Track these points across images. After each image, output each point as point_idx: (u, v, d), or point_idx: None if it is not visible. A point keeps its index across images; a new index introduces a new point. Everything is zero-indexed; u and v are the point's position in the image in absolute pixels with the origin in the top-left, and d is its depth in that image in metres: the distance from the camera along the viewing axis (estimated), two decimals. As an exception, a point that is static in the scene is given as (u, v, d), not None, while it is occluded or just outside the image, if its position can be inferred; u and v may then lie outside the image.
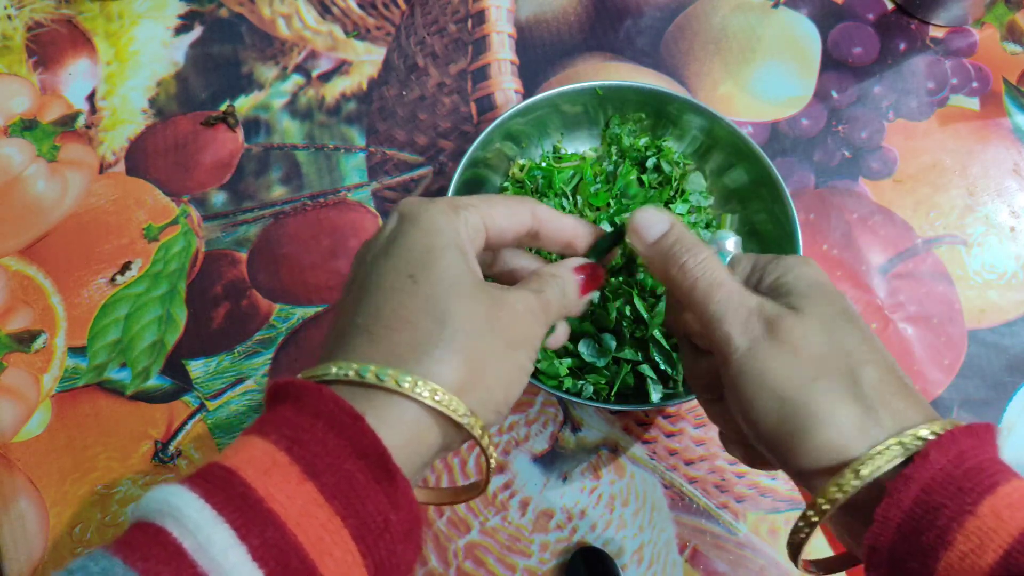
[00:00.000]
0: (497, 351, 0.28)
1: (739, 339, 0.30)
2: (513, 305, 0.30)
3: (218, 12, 0.67)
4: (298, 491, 0.23)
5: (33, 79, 0.65)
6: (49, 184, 0.61)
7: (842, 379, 0.29)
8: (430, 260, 0.28)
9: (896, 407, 0.28)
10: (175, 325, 0.57)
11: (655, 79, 0.65)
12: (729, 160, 0.53)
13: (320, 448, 0.24)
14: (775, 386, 0.29)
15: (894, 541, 0.26)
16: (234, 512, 0.22)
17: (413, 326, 0.27)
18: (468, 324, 0.28)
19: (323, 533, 0.23)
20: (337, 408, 0.24)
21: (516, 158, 0.56)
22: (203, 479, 0.23)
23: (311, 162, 0.62)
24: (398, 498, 0.25)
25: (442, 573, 0.52)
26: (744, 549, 0.53)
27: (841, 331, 0.30)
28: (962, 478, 0.26)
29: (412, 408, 0.26)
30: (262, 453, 0.24)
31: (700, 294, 0.32)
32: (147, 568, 0.21)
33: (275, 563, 0.22)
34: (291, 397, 0.25)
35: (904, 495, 0.26)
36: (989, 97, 0.65)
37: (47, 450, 0.54)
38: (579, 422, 0.55)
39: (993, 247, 0.60)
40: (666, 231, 0.34)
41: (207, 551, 0.21)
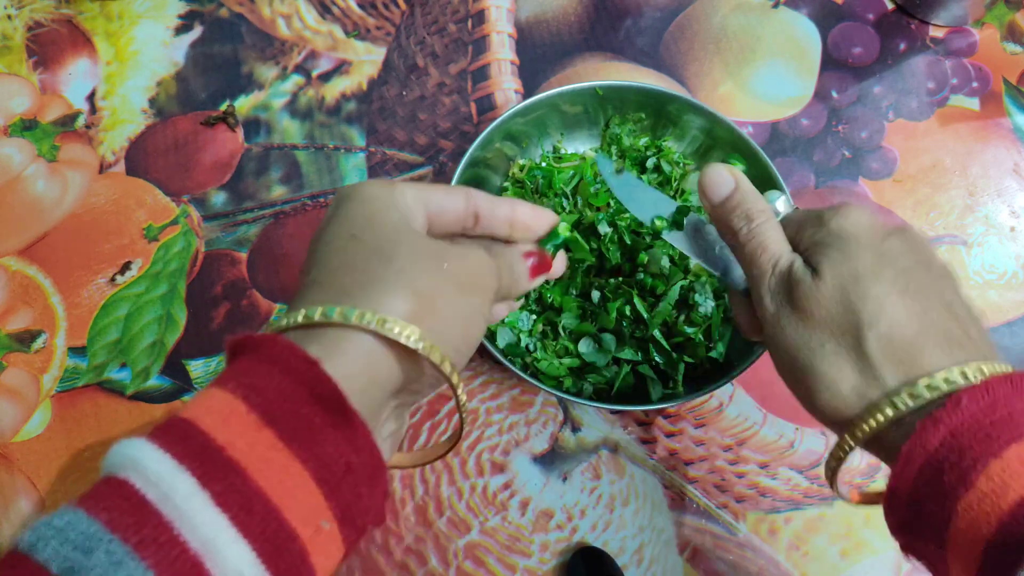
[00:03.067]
0: (447, 289, 0.28)
1: (769, 303, 0.32)
2: (463, 253, 0.30)
3: (218, 12, 0.67)
4: (257, 438, 0.23)
5: (33, 79, 0.65)
6: (49, 184, 0.61)
7: (846, 342, 0.30)
8: (370, 219, 0.29)
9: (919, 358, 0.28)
10: (175, 325, 0.57)
11: (655, 79, 0.65)
12: (729, 160, 0.53)
13: (276, 395, 0.24)
14: (790, 350, 0.31)
15: (915, 482, 0.27)
16: (194, 461, 0.22)
17: (359, 269, 0.27)
18: (415, 262, 0.28)
19: (284, 476, 0.23)
20: (291, 354, 0.24)
21: (516, 158, 0.56)
22: (163, 432, 0.23)
23: (311, 162, 0.62)
24: (357, 440, 0.25)
25: (442, 573, 0.52)
26: (744, 549, 0.53)
27: (854, 291, 0.30)
28: (991, 425, 0.26)
29: (364, 340, 0.26)
30: (220, 403, 0.24)
31: (748, 257, 0.34)
32: (111, 518, 0.21)
33: (238, 508, 0.22)
34: (248, 348, 0.25)
35: (931, 436, 0.26)
36: (989, 97, 0.65)
37: (47, 450, 0.54)
38: (579, 422, 0.55)
39: (993, 247, 0.60)
40: (730, 193, 0.35)
41: (170, 499, 0.21)
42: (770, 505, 0.54)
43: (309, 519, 0.23)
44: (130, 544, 0.21)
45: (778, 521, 0.53)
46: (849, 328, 0.30)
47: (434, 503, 0.53)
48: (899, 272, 0.31)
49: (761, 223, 0.34)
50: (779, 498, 0.54)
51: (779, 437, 0.55)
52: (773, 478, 0.54)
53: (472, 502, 0.53)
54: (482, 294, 0.30)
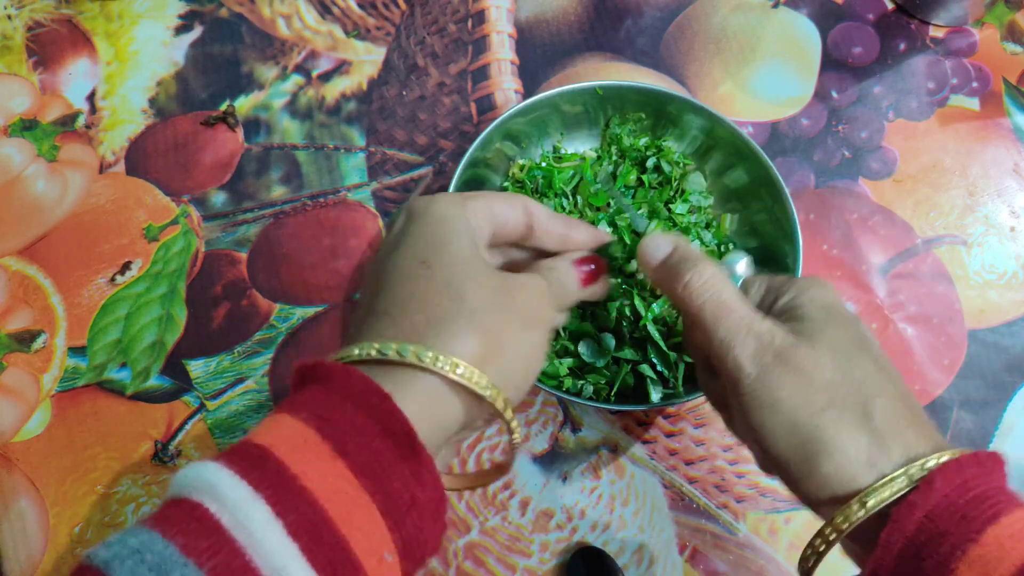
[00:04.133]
0: (514, 328, 0.29)
1: (749, 366, 0.30)
2: (525, 285, 0.30)
3: (218, 12, 0.67)
4: (329, 469, 0.24)
5: (33, 79, 0.65)
6: (49, 184, 0.61)
7: (854, 409, 0.29)
8: (441, 246, 0.29)
9: (906, 438, 0.28)
10: (175, 325, 0.57)
11: (655, 79, 0.65)
12: (729, 160, 0.53)
13: (349, 427, 0.24)
14: (787, 413, 0.29)
15: (896, 566, 0.26)
16: (269, 489, 0.23)
17: (430, 305, 0.28)
18: (484, 302, 0.28)
19: (353, 508, 0.23)
20: (365, 387, 0.25)
21: (516, 158, 0.56)
22: (238, 457, 0.24)
23: (311, 162, 0.62)
24: (423, 475, 0.25)
25: (442, 573, 0.52)
26: (744, 549, 0.53)
27: (853, 360, 0.30)
28: (966, 506, 0.26)
29: (433, 382, 0.26)
30: (294, 432, 0.24)
31: (709, 317, 0.32)
32: (187, 542, 0.21)
33: (308, 538, 0.22)
34: (319, 378, 0.26)
35: (907, 521, 0.26)
36: (989, 97, 0.65)
37: (47, 450, 0.54)
38: (579, 422, 0.55)
39: (993, 247, 0.60)
40: (669, 252, 0.34)
41: (245, 527, 0.22)
42: (770, 505, 0.54)
43: (373, 551, 0.24)
44: (204, 569, 0.21)
45: (778, 521, 0.53)
46: (855, 396, 0.29)
47: (434, 503, 0.53)
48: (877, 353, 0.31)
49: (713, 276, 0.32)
50: (779, 498, 0.54)
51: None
52: (773, 478, 0.54)
53: (472, 502, 0.53)
54: (543, 327, 0.31)
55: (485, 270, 0.29)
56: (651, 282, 0.35)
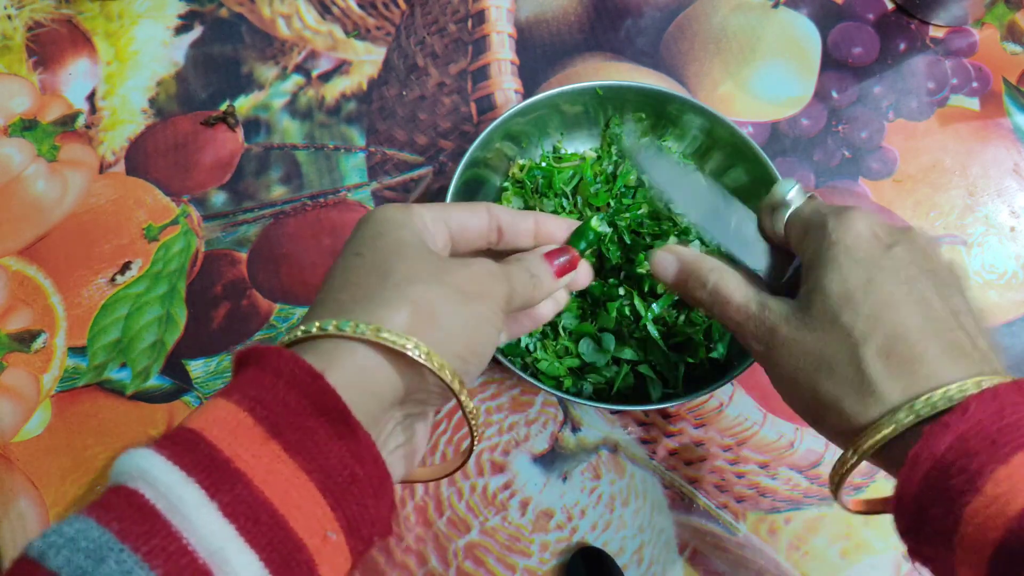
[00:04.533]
0: (449, 297, 0.28)
1: (755, 345, 0.34)
2: (466, 263, 0.30)
3: (218, 12, 0.67)
4: (263, 450, 0.24)
5: (33, 79, 0.65)
6: (49, 184, 0.61)
7: (840, 361, 0.30)
8: (377, 239, 0.30)
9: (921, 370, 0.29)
10: (175, 325, 0.57)
11: (655, 79, 0.65)
12: (729, 160, 0.53)
13: (282, 407, 0.24)
14: (788, 379, 0.32)
15: (922, 486, 0.27)
16: (202, 472, 0.23)
17: (357, 285, 0.28)
18: (412, 275, 0.28)
19: (289, 487, 0.23)
20: (296, 367, 0.25)
21: (516, 158, 0.56)
22: (171, 442, 0.24)
23: (311, 162, 0.62)
24: (361, 452, 0.25)
25: (442, 573, 0.52)
26: (744, 549, 0.53)
27: (843, 310, 0.31)
28: (998, 432, 0.26)
29: (360, 350, 0.26)
30: (227, 414, 0.24)
31: (717, 315, 0.36)
32: (122, 528, 0.21)
33: (245, 518, 0.22)
34: (253, 360, 0.26)
35: (938, 440, 0.27)
36: (989, 97, 0.65)
37: (47, 450, 0.54)
38: (579, 422, 0.55)
39: (993, 247, 0.60)
40: (677, 269, 0.37)
41: (179, 510, 0.22)
42: (770, 505, 0.54)
43: (315, 529, 0.24)
44: (140, 553, 0.21)
45: (778, 521, 0.53)
46: (843, 348, 0.30)
47: (434, 503, 0.53)
48: (902, 282, 0.31)
49: (715, 281, 0.35)
50: (779, 498, 0.54)
51: (779, 437, 0.55)
52: (773, 478, 0.54)
53: (472, 502, 0.53)
54: (487, 301, 0.30)
55: (419, 251, 0.30)
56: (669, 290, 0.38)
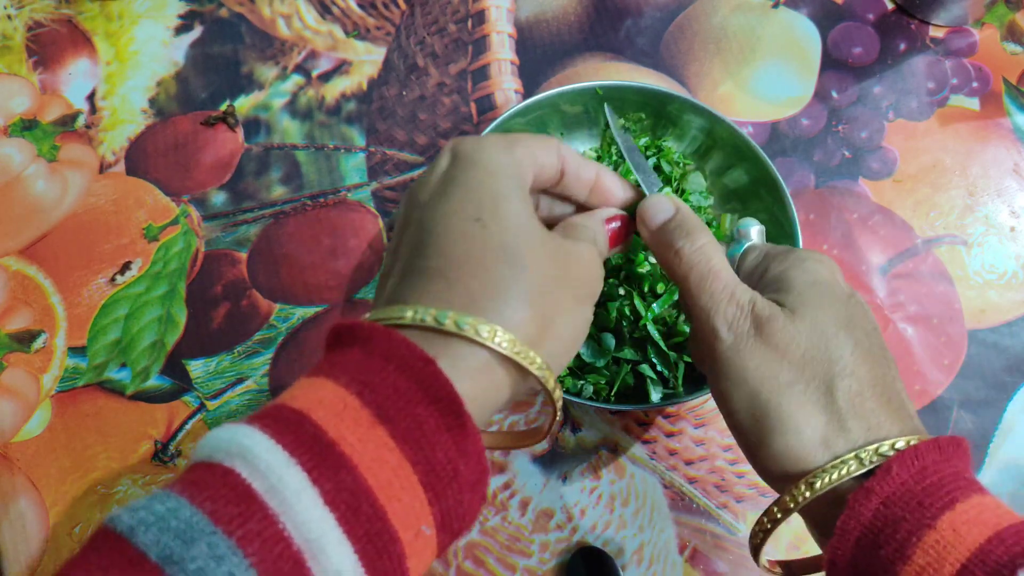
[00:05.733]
0: (567, 304, 0.28)
1: (726, 333, 0.30)
2: (581, 256, 0.29)
3: (218, 12, 0.67)
4: (369, 435, 0.22)
5: (33, 79, 0.65)
6: (49, 184, 0.61)
7: (818, 387, 0.29)
8: (496, 204, 0.27)
9: (873, 421, 0.28)
10: (175, 325, 0.57)
11: (655, 79, 0.65)
12: (729, 160, 0.53)
13: (391, 392, 0.23)
14: (752, 383, 0.29)
15: (854, 554, 0.26)
16: (306, 454, 0.21)
17: (487, 271, 0.26)
18: (542, 274, 0.27)
19: (393, 478, 0.22)
20: (409, 352, 0.24)
21: (516, 158, 0.56)
22: (272, 420, 0.22)
23: (311, 162, 0.62)
24: (467, 447, 0.24)
25: (442, 573, 0.52)
26: (744, 549, 0.53)
27: (832, 338, 0.30)
28: (922, 493, 0.26)
29: (485, 356, 0.25)
30: (333, 395, 0.23)
31: (694, 283, 0.32)
32: (216, 509, 0.20)
33: (346, 507, 0.21)
34: (359, 340, 0.24)
35: (864, 507, 0.26)
36: (989, 97, 0.65)
37: (47, 450, 0.54)
38: (579, 422, 0.55)
39: (993, 247, 0.60)
40: (670, 217, 0.34)
41: (279, 493, 0.21)
42: (770, 505, 0.54)
43: (411, 523, 0.23)
44: (234, 538, 0.20)
45: (778, 521, 0.53)
46: (822, 374, 0.29)
47: (434, 503, 0.53)
48: (863, 333, 0.30)
49: (705, 244, 0.32)
50: (779, 498, 0.54)
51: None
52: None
53: (472, 502, 0.53)
54: (593, 300, 0.30)
55: (541, 234, 0.28)
56: (646, 243, 0.35)
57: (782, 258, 0.33)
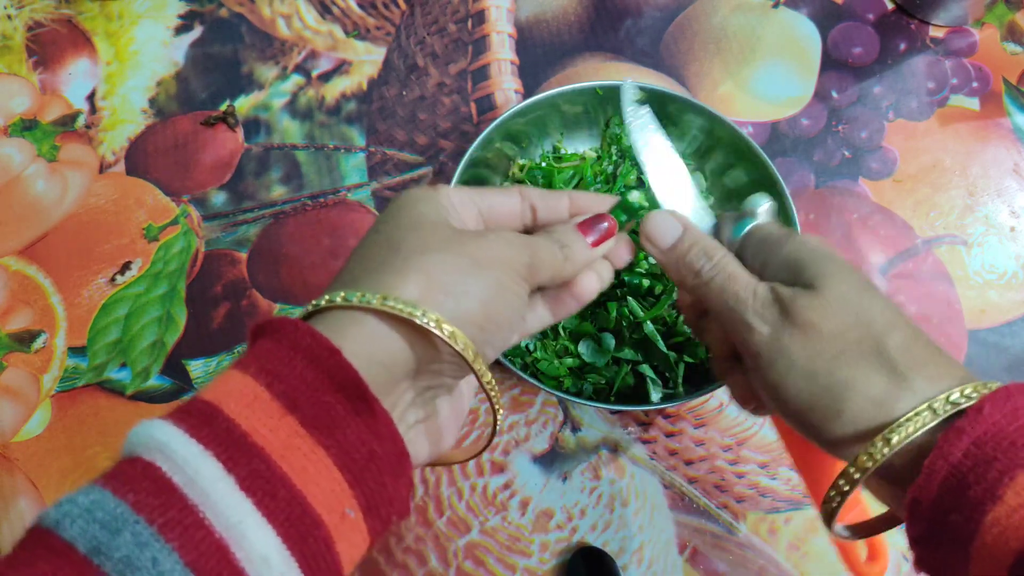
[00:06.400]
0: (460, 265, 0.28)
1: (761, 326, 0.31)
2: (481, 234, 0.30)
3: (218, 12, 0.67)
4: (280, 424, 0.23)
5: (33, 79, 0.65)
6: (49, 184, 0.61)
7: (867, 349, 0.29)
8: (395, 215, 0.30)
9: (929, 370, 0.28)
10: (175, 325, 0.57)
11: (655, 79, 0.65)
12: (729, 160, 0.53)
13: (299, 382, 0.24)
14: (803, 365, 0.29)
15: (939, 494, 0.26)
16: (220, 446, 0.22)
17: (369, 259, 0.28)
18: (423, 246, 0.28)
19: (307, 463, 0.23)
20: (314, 342, 0.25)
21: (516, 158, 0.56)
22: (187, 414, 0.23)
23: (311, 162, 0.62)
24: (379, 429, 0.25)
25: (442, 573, 0.52)
26: (744, 549, 0.53)
27: (860, 301, 0.30)
28: (1015, 433, 0.25)
29: (368, 321, 0.26)
30: (243, 387, 0.24)
31: (716, 291, 0.32)
32: (137, 500, 0.21)
33: (263, 493, 0.22)
34: (269, 332, 0.26)
35: (954, 447, 0.26)
36: (989, 97, 0.65)
37: (47, 450, 0.54)
38: (579, 422, 0.55)
39: (993, 247, 0.60)
40: (680, 236, 0.34)
41: (196, 483, 0.22)
42: (770, 505, 0.54)
43: (333, 506, 0.23)
44: (155, 526, 0.21)
45: (778, 521, 0.53)
46: (866, 336, 0.29)
47: (434, 503, 0.53)
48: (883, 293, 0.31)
49: (723, 256, 0.33)
50: (779, 498, 0.54)
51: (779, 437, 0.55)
52: (773, 478, 0.54)
53: (472, 502, 0.53)
54: (504, 269, 0.29)
55: (435, 225, 0.29)
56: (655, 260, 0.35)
57: (783, 243, 0.33)
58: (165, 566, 0.20)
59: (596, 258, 0.34)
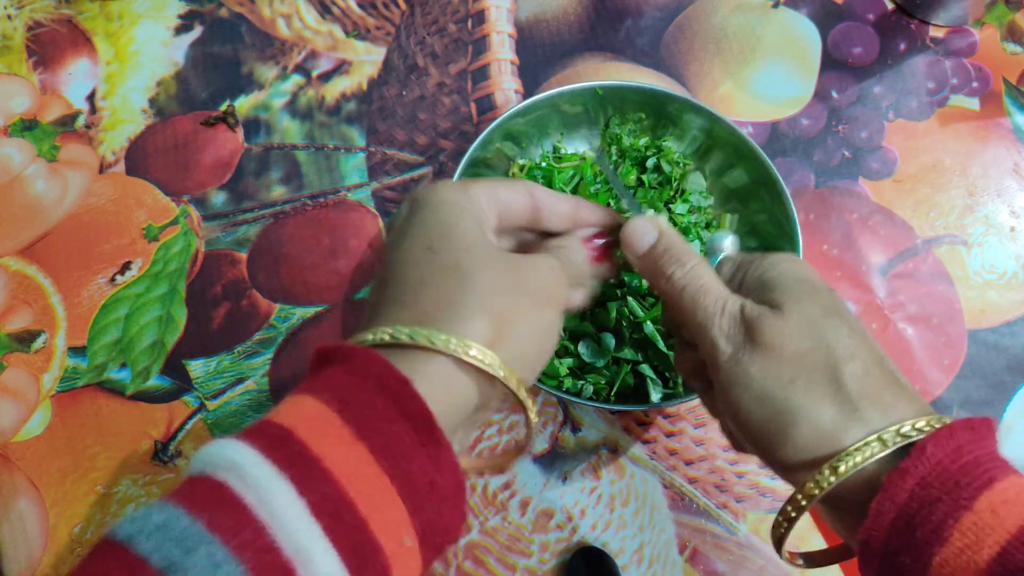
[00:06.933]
0: (523, 308, 0.29)
1: (724, 345, 0.31)
2: (536, 265, 0.30)
3: (218, 12, 0.67)
4: (350, 451, 0.24)
5: (33, 79, 0.65)
6: (49, 184, 0.61)
7: (822, 376, 0.29)
8: (447, 230, 0.29)
9: (884, 401, 0.28)
10: (175, 325, 0.57)
11: (655, 79, 0.65)
12: (729, 160, 0.53)
13: (369, 410, 0.24)
14: (757, 388, 0.30)
15: (888, 535, 0.26)
16: (292, 469, 0.23)
17: (437, 288, 0.28)
18: (492, 283, 0.28)
19: (373, 491, 0.24)
20: (385, 371, 0.25)
21: (516, 158, 0.56)
22: (260, 436, 0.24)
23: (311, 162, 0.62)
24: (442, 460, 0.25)
25: (442, 573, 0.52)
26: (744, 549, 0.53)
27: (824, 327, 0.30)
28: (959, 472, 0.26)
29: (446, 364, 0.26)
30: (316, 413, 0.24)
31: (688, 302, 0.32)
32: (212, 519, 0.21)
33: (330, 518, 0.22)
34: (339, 360, 0.26)
35: (899, 489, 0.26)
36: (989, 97, 0.65)
37: (47, 450, 0.54)
38: (579, 422, 0.55)
39: (993, 247, 0.60)
40: (655, 241, 0.34)
41: (268, 505, 0.22)
42: (770, 505, 0.54)
43: (394, 534, 0.24)
44: (230, 546, 0.21)
45: (778, 521, 0.53)
46: (823, 363, 0.29)
47: (434, 503, 0.53)
48: (853, 318, 0.31)
49: (696, 265, 0.33)
50: (779, 498, 0.54)
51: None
52: (773, 478, 0.54)
53: (472, 502, 0.53)
54: (555, 306, 0.30)
55: (491, 251, 0.29)
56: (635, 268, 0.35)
57: (757, 263, 0.34)
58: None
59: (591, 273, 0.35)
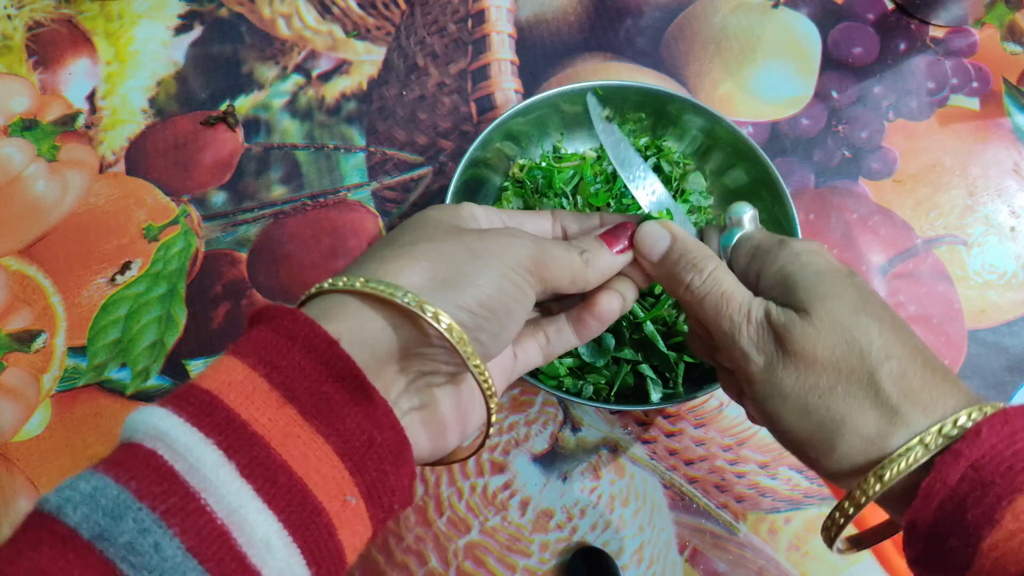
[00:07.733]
0: (455, 253, 0.29)
1: (756, 356, 0.30)
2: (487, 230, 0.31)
3: (218, 12, 0.67)
4: (279, 414, 0.24)
5: (33, 79, 0.65)
6: (49, 184, 0.61)
7: (860, 381, 0.28)
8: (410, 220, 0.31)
9: (926, 399, 0.28)
10: (175, 325, 0.57)
11: (655, 79, 0.65)
12: (729, 160, 0.53)
13: (297, 372, 0.24)
14: (796, 400, 0.29)
15: (936, 516, 0.26)
16: (220, 435, 0.23)
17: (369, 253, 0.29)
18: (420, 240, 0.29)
19: (307, 451, 0.23)
20: (311, 332, 0.25)
21: (516, 158, 0.56)
22: (186, 403, 0.23)
23: (311, 162, 0.62)
24: (378, 417, 0.25)
25: (442, 573, 0.52)
26: (744, 549, 0.53)
27: (854, 328, 0.29)
28: (1012, 457, 0.25)
29: (351, 302, 0.27)
30: (243, 378, 0.24)
31: (710, 311, 0.32)
32: (140, 487, 0.21)
33: (263, 479, 0.22)
34: (267, 319, 0.26)
35: (951, 471, 0.26)
36: (989, 97, 0.65)
37: (47, 450, 0.54)
38: (579, 422, 0.55)
39: (993, 247, 0.60)
40: (669, 247, 0.34)
41: (198, 471, 0.22)
42: (770, 505, 0.54)
43: (334, 493, 0.24)
44: (157, 512, 0.21)
45: (778, 521, 0.53)
46: (858, 367, 0.28)
47: (434, 503, 0.53)
48: (879, 307, 0.30)
49: (713, 271, 0.32)
50: (779, 498, 0.54)
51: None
52: (773, 478, 0.54)
53: (472, 502, 0.53)
54: (502, 259, 0.29)
55: (442, 226, 0.30)
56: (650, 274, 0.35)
57: (775, 254, 0.32)
58: (167, 551, 0.20)
59: (619, 266, 0.34)
